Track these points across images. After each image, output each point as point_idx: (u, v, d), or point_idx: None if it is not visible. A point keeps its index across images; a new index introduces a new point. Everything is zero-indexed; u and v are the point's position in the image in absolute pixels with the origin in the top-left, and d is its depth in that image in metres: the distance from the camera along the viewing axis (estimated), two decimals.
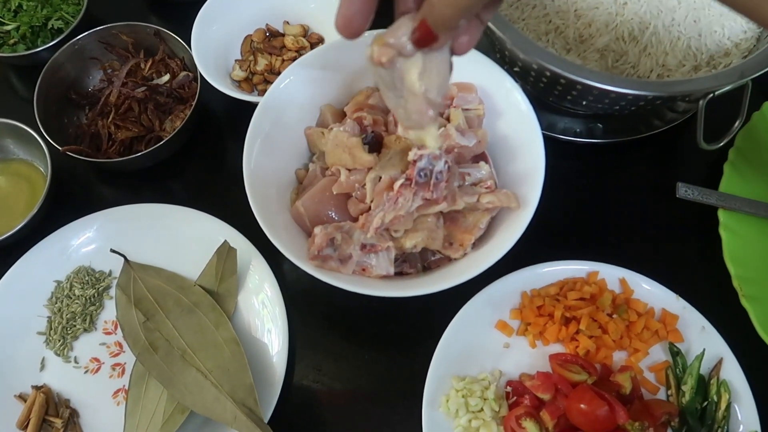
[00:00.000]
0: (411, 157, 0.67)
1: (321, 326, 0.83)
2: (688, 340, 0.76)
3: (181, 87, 0.94)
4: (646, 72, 0.78)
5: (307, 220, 0.75)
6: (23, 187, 0.91)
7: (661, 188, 0.87)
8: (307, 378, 0.81)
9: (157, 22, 0.96)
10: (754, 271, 0.79)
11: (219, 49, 0.94)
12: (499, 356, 0.78)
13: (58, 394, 0.80)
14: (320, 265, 0.70)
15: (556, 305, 0.77)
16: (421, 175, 0.67)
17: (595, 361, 0.76)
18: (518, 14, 0.82)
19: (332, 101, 0.83)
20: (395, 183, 0.68)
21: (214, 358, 0.75)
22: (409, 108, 0.53)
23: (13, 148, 0.92)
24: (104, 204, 0.88)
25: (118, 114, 0.91)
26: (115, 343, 0.82)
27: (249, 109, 0.78)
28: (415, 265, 0.75)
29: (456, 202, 0.70)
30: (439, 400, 0.74)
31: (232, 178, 0.79)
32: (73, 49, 0.93)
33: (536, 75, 0.75)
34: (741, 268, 0.79)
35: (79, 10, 0.99)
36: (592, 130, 0.89)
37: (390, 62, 0.49)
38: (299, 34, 0.97)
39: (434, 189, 0.68)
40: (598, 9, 0.79)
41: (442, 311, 0.78)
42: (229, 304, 0.81)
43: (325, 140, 0.76)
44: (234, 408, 0.72)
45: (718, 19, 0.78)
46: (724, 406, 0.72)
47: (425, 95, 0.51)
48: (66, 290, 0.84)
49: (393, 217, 0.68)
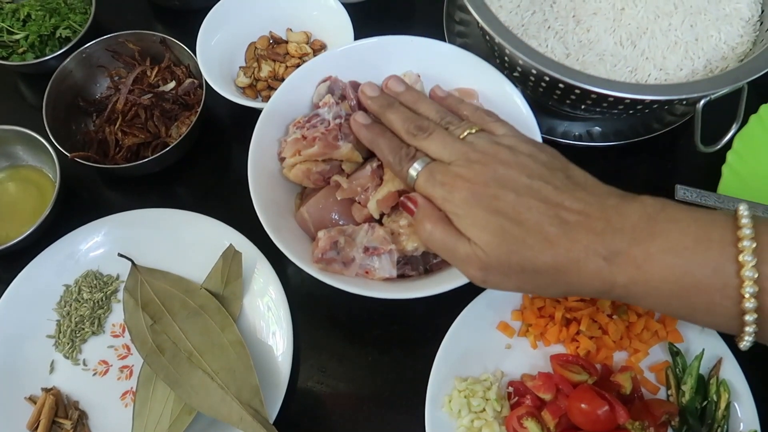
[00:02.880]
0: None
1: (325, 328, 0.85)
2: (687, 341, 0.77)
3: (187, 94, 0.95)
4: (644, 76, 0.79)
5: (312, 225, 0.76)
6: (32, 193, 0.93)
7: (660, 190, 0.86)
8: (311, 379, 0.82)
9: (163, 31, 0.98)
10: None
11: (223, 56, 0.96)
12: (501, 357, 0.79)
13: (68, 396, 0.81)
14: (324, 267, 0.72)
15: (557, 306, 0.78)
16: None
17: (595, 361, 0.77)
18: (518, 20, 0.83)
19: None
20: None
21: (220, 359, 0.77)
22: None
23: (23, 155, 0.94)
24: (111, 209, 0.89)
25: (125, 120, 0.93)
26: (123, 346, 0.84)
27: (253, 114, 0.79)
28: (417, 267, 0.76)
29: (331, 152, 0.74)
30: (442, 400, 0.75)
31: (237, 182, 0.80)
32: (80, 58, 0.95)
33: (535, 80, 0.77)
34: None
35: (86, 19, 1.01)
36: (591, 133, 0.90)
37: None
38: (302, 41, 0.98)
39: (309, 128, 0.75)
40: (596, 15, 0.81)
41: (445, 313, 0.79)
42: (235, 306, 0.82)
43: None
44: (240, 409, 0.73)
45: (714, 23, 0.79)
46: (724, 405, 0.73)
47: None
48: (74, 294, 0.86)
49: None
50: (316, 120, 0.76)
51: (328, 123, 0.75)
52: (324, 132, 0.74)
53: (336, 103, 0.78)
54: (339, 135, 0.75)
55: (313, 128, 0.75)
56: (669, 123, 0.89)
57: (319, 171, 0.76)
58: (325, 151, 0.74)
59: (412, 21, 1.08)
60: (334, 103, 0.77)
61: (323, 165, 0.76)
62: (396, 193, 0.73)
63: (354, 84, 0.81)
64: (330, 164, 0.77)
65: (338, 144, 0.75)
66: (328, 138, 0.74)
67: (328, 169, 0.77)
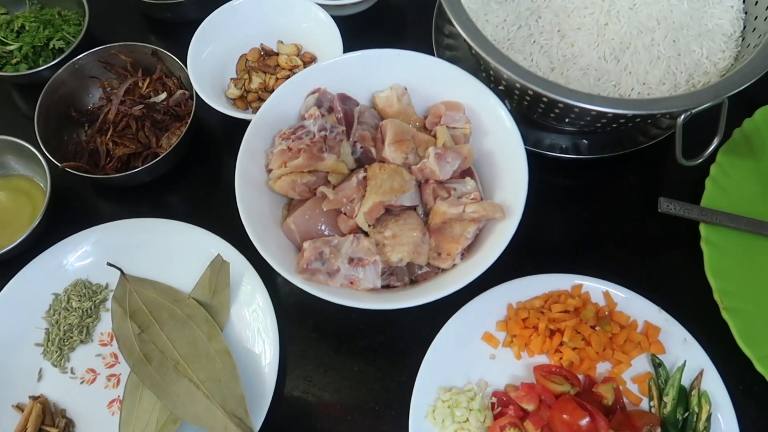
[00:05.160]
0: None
1: (311, 338, 0.85)
2: (670, 352, 0.78)
3: (178, 105, 0.96)
4: (627, 90, 0.80)
5: (298, 235, 0.77)
6: (23, 202, 0.94)
7: (645, 203, 0.89)
8: (297, 389, 0.82)
9: (156, 42, 0.99)
10: (735, 284, 0.80)
11: (215, 67, 0.97)
12: (485, 367, 0.79)
13: (55, 405, 0.81)
14: (309, 278, 0.72)
15: (541, 317, 0.79)
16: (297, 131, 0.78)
17: (578, 372, 0.77)
18: (504, 34, 0.84)
19: None
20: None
21: (207, 369, 0.77)
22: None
23: (14, 165, 0.95)
24: (102, 219, 0.90)
25: (116, 131, 0.94)
26: (111, 355, 0.84)
27: (244, 125, 0.80)
28: (402, 278, 0.76)
29: (316, 164, 0.76)
30: (426, 410, 0.76)
31: (227, 193, 0.81)
32: (73, 68, 0.96)
33: (520, 94, 0.78)
34: (722, 282, 0.80)
35: (79, 30, 1.02)
36: (577, 146, 0.91)
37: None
38: (293, 53, 1.00)
39: (294, 139, 0.76)
40: (580, 30, 0.82)
41: (430, 323, 0.80)
42: (222, 316, 0.83)
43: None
44: (225, 418, 0.74)
45: (696, 38, 0.81)
46: (705, 416, 0.73)
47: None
48: (63, 303, 0.86)
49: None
50: (301, 132, 0.77)
51: (313, 135, 0.76)
52: (309, 144, 0.76)
53: (322, 116, 0.79)
54: (324, 147, 0.76)
55: (299, 140, 0.76)
56: (654, 136, 0.90)
57: (304, 182, 0.77)
58: (310, 162, 0.75)
59: (402, 33, 1.09)
60: (320, 115, 0.78)
61: (309, 176, 0.77)
62: (380, 203, 0.74)
63: (342, 96, 0.82)
64: (316, 176, 0.77)
65: (323, 156, 0.76)
66: (313, 150, 0.75)
67: (314, 181, 0.78)
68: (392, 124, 0.79)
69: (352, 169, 0.79)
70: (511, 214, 0.73)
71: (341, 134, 0.78)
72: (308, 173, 0.77)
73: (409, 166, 0.78)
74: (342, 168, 0.77)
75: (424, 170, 0.77)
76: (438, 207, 0.75)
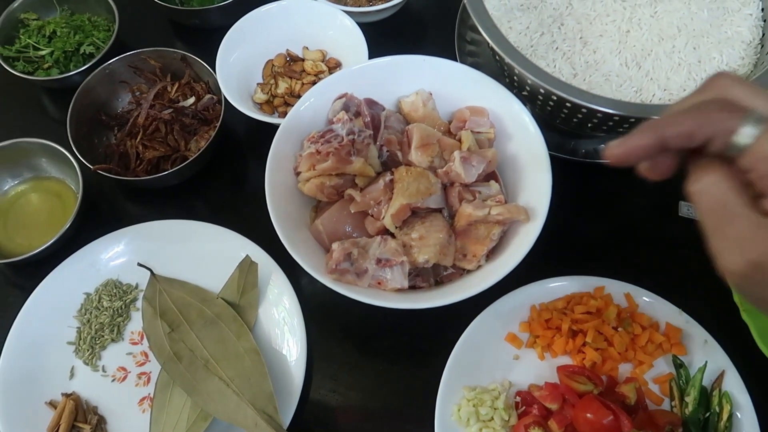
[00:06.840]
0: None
1: (337, 338, 0.87)
2: (691, 353, 0.79)
3: (206, 109, 0.98)
4: (649, 96, 0.82)
5: (326, 237, 0.78)
6: (55, 203, 0.96)
7: (665, 207, 0.90)
8: (323, 387, 0.84)
9: (184, 48, 1.01)
10: None
11: (242, 73, 0.99)
12: (509, 367, 0.81)
13: (87, 402, 0.83)
14: (338, 278, 0.74)
15: (564, 319, 0.80)
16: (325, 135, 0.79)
17: (601, 372, 0.79)
18: (527, 41, 0.86)
19: None
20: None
21: (236, 367, 0.79)
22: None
23: (47, 167, 0.97)
24: (131, 220, 0.92)
25: (145, 135, 0.96)
26: (141, 353, 0.86)
27: (270, 130, 0.82)
28: (427, 279, 0.78)
29: (344, 167, 0.77)
30: (451, 409, 0.77)
31: (254, 195, 0.83)
32: (103, 73, 0.98)
33: (543, 99, 0.79)
34: None
35: (109, 36, 1.05)
36: (598, 150, 0.93)
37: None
38: (318, 59, 1.02)
39: (323, 143, 0.77)
40: (602, 37, 0.83)
41: (454, 324, 0.81)
42: (251, 315, 0.85)
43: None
44: (255, 415, 0.75)
45: (716, 46, 0.82)
46: (726, 416, 0.75)
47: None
48: (95, 302, 0.88)
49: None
50: (330, 135, 0.79)
51: (341, 138, 0.78)
52: (338, 147, 0.77)
53: (350, 120, 0.81)
54: (352, 150, 0.78)
55: (327, 143, 0.78)
56: None
57: (332, 185, 0.79)
58: (338, 165, 0.77)
59: (425, 41, 1.11)
60: (348, 120, 0.80)
61: (337, 179, 0.79)
62: (407, 205, 0.75)
63: (369, 101, 0.84)
64: (343, 178, 0.79)
65: (351, 159, 0.77)
66: (342, 153, 0.77)
67: (342, 183, 0.79)
68: (418, 128, 0.80)
69: (378, 172, 0.81)
70: (535, 217, 0.75)
71: (368, 138, 0.80)
72: (336, 176, 0.79)
73: (435, 169, 0.80)
74: (369, 171, 0.79)
75: (450, 173, 0.78)
76: (463, 209, 0.77)
